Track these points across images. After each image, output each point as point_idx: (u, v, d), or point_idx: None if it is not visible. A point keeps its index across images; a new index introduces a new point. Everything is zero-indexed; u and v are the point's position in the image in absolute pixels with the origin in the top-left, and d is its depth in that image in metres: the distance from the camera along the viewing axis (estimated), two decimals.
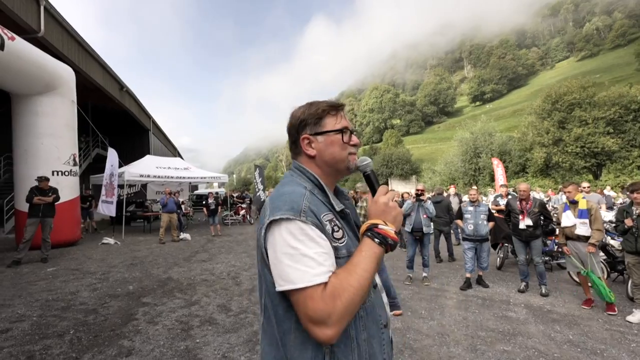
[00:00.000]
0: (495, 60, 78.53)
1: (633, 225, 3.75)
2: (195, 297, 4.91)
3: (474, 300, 4.75)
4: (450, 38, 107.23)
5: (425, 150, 55.46)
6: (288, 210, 0.83)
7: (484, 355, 3.15)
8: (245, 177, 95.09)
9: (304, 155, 1.01)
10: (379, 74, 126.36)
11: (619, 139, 20.79)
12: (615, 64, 50.37)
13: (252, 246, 9.41)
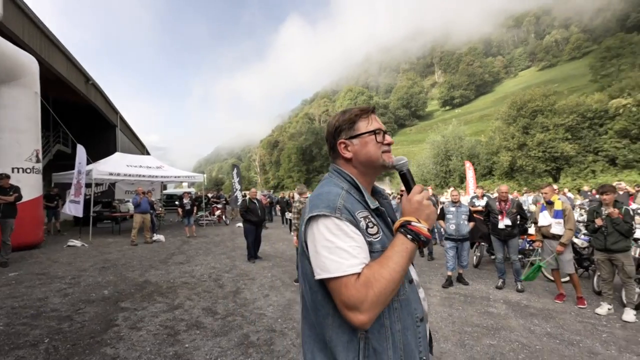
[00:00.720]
0: (464, 67, 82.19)
1: (602, 224, 4.07)
2: (177, 301, 4.71)
3: (457, 297, 4.93)
4: (422, 44, 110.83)
5: (398, 152, 56.76)
6: (325, 208, 0.92)
7: (472, 350, 3.28)
8: (217, 176, 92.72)
9: (341, 158, 1.09)
10: (353, 76, 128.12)
11: (576, 144, 22.54)
12: (572, 74, 54.52)
13: (230, 247, 9.18)
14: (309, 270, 0.94)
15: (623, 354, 3.20)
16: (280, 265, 7.10)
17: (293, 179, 57.43)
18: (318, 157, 60.01)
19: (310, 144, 59.20)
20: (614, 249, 4.04)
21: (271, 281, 5.82)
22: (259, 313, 4.28)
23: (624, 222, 4.01)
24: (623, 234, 4.02)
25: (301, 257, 1.00)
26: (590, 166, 22.30)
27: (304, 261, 0.97)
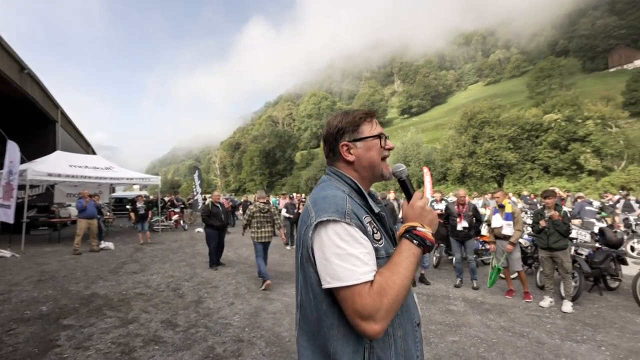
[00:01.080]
0: (420, 78, 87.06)
1: (546, 225, 4.50)
2: (131, 314, 4.33)
3: (420, 297, 5.13)
4: (383, 54, 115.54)
5: None
6: (334, 213, 0.88)
7: (437, 347, 3.42)
8: (173, 179, 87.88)
9: (342, 161, 1.06)
10: (317, 81, 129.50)
11: (517, 153, 24.94)
12: (513, 90, 60.29)
13: (190, 254, 8.71)
14: (315, 279, 0.90)
15: (565, 342, 3.54)
16: (244, 271, 6.86)
17: (255, 182, 56.30)
18: (281, 160, 59.55)
19: (273, 147, 58.57)
20: (555, 247, 4.48)
21: (236, 288, 5.60)
22: (224, 323, 4.08)
23: (563, 223, 4.48)
24: (562, 234, 4.48)
25: (304, 265, 0.94)
26: (529, 173, 24.79)
27: (309, 269, 0.92)
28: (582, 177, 21.60)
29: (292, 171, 57.08)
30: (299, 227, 1.00)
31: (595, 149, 21.80)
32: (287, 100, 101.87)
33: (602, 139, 21.70)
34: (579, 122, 22.85)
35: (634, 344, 3.47)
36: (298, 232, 1.00)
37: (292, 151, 60.61)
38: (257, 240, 5.74)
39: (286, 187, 50.43)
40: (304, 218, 0.96)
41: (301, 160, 57.23)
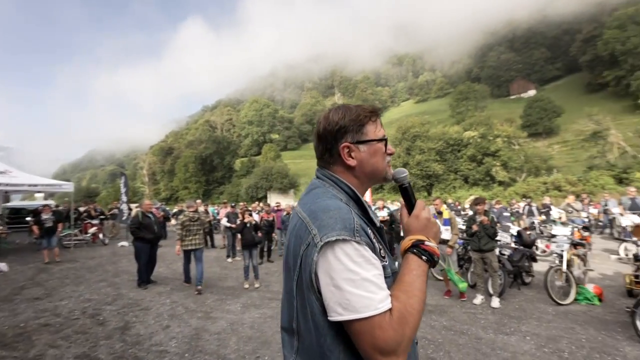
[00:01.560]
0: (359, 93, 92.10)
1: (477, 229, 4.96)
2: (34, 352, 3.55)
3: None
4: (324, 67, 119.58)
5: (302, 165, 58.84)
6: (342, 230, 0.75)
7: None
8: (89, 186, 77.59)
9: (340, 164, 0.93)
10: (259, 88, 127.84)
11: (443, 165, 27.78)
12: (438, 109, 67.44)
13: (112, 272, 7.60)
14: (317, 309, 0.76)
15: (497, 336, 3.88)
16: (181, 289, 6.20)
17: (190, 190, 52.56)
18: (220, 167, 56.74)
19: (211, 153, 55.55)
20: (485, 249, 4.96)
21: (171, 309, 5.00)
22: (159, 350, 3.57)
23: (491, 227, 4.99)
24: (490, 237, 4.99)
25: (303, 292, 0.79)
26: (452, 183, 27.76)
27: (310, 297, 0.78)
28: (494, 187, 24.95)
29: (231, 179, 54.73)
30: (292, 243, 0.84)
31: (503, 162, 25.44)
32: (227, 105, 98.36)
33: (508, 154, 25.46)
34: (491, 139, 26.49)
35: (550, 332, 3.96)
36: (291, 251, 0.84)
37: (232, 158, 58.26)
38: (186, 247, 5.99)
39: (224, 196, 48.08)
40: (300, 234, 0.81)
41: (241, 168, 55.27)
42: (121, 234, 13.77)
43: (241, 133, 77.68)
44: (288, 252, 0.86)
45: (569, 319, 4.36)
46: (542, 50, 68.77)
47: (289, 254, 0.86)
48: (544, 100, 45.34)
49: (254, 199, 37.74)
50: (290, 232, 0.87)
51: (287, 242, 0.89)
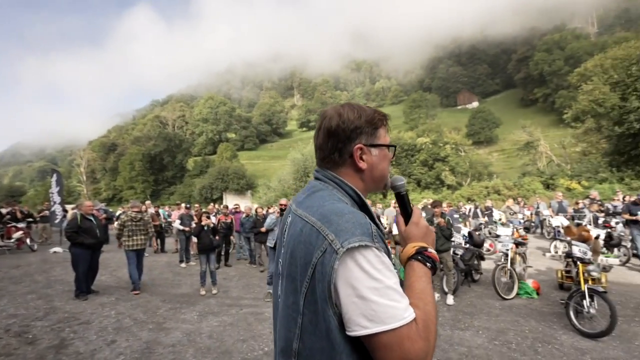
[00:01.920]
0: (318, 95, 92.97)
1: (435, 231, 5.22)
2: None
3: None
4: (284, 67, 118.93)
5: (259, 166, 57.72)
6: (362, 235, 0.70)
7: None
8: (12, 184, 68.38)
9: (349, 166, 0.88)
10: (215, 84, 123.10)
11: (398, 169, 29.09)
12: (394, 115, 70.22)
13: (43, 283, 6.69)
14: (334, 324, 0.69)
15: (454, 331, 4.10)
16: (128, 298, 5.64)
17: (136, 190, 48.67)
18: (170, 166, 53.40)
19: (161, 151, 52.04)
20: (442, 249, 5.23)
21: (117, 321, 4.51)
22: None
23: (447, 228, 5.29)
24: (447, 238, 5.29)
25: (316, 306, 0.72)
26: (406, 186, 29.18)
27: (326, 311, 0.70)
28: (443, 190, 26.72)
29: (183, 179, 51.78)
30: (297, 251, 0.76)
31: (452, 167, 27.43)
32: (180, 100, 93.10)
33: (456, 160, 27.51)
34: (441, 146, 28.40)
35: (499, 325, 4.28)
36: (297, 259, 0.76)
37: (184, 157, 55.15)
38: (129, 248, 5.85)
39: (175, 197, 45.32)
40: (310, 240, 0.73)
41: (194, 168, 52.57)
42: (54, 238, 12.26)
43: (195, 131, 73.96)
44: (291, 261, 0.78)
45: (514, 312, 4.76)
46: (484, 66, 75.60)
47: (292, 263, 0.77)
48: (485, 111, 49.84)
49: (209, 200, 36.08)
50: (294, 238, 0.79)
51: (289, 249, 0.80)
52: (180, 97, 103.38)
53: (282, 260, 0.84)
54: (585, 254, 4.04)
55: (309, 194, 0.86)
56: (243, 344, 3.78)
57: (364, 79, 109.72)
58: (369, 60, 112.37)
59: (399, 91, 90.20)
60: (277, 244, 0.98)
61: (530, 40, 62.57)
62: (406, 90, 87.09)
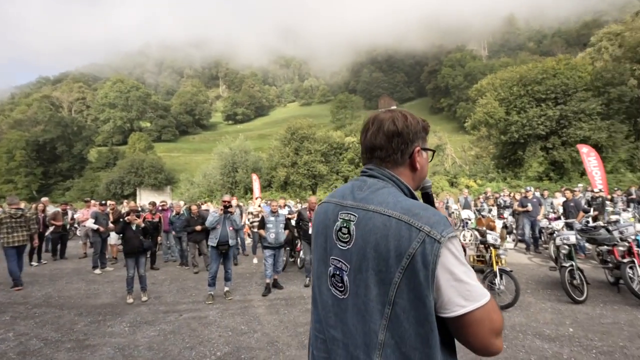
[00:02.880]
0: (246, 88, 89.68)
1: None
2: None
3: (279, 302, 5.16)
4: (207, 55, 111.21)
5: (180, 160, 53.05)
6: (450, 227, 0.78)
7: None
8: None
9: (407, 166, 0.95)
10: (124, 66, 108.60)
11: (327, 166, 30.09)
12: (321, 114, 72.52)
13: None
14: (430, 308, 0.75)
15: None
16: (29, 315, 4.66)
17: (17, 185, 39.86)
18: (66, 156, 45.11)
19: (53, 138, 43.52)
20: None
21: (20, 344, 3.71)
22: None
23: None
24: None
25: (412, 294, 0.75)
26: (334, 183, 30.40)
27: (427, 297, 0.74)
28: None
29: (83, 172, 44.31)
30: (385, 244, 0.77)
31: None
32: (78, 80, 79.43)
33: None
34: None
35: None
36: (384, 253, 0.77)
37: (85, 146, 47.19)
38: (8, 244, 5.82)
39: (73, 192, 38.66)
40: (400, 233, 0.76)
41: (98, 159, 45.47)
42: None
43: (99, 117, 64.07)
44: (375, 255, 0.79)
45: None
46: (402, 74, 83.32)
47: (376, 257, 0.78)
48: None
49: (118, 197, 31.65)
50: (376, 232, 0.80)
51: (368, 244, 0.81)
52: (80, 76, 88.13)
53: (349, 256, 0.84)
54: (496, 240, 4.87)
55: (373, 190, 0.88)
56: (191, 352, 3.50)
57: (293, 76, 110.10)
58: (298, 57, 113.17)
59: (326, 91, 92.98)
60: (319, 240, 0.97)
61: (438, 55, 71.29)
62: (333, 91, 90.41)
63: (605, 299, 4.75)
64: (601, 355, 3.19)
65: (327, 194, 5.14)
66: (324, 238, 0.95)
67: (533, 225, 8.25)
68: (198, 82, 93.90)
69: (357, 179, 0.98)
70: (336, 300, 0.89)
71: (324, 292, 0.93)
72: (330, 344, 0.89)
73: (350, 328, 0.83)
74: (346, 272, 0.86)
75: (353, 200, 0.90)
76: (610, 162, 20.20)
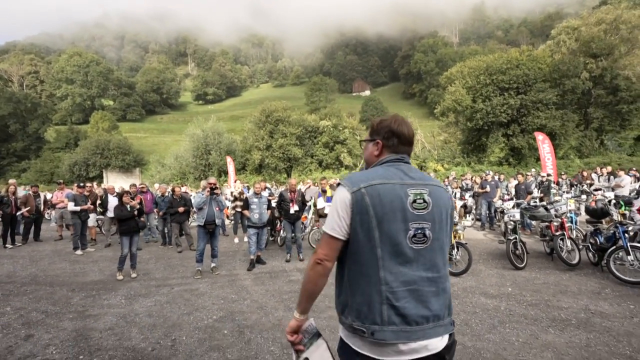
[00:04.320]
0: (217, 67, 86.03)
1: None
2: None
3: (263, 275, 5.64)
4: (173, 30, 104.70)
5: (147, 141, 50.79)
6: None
7: None
8: None
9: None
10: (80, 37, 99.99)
11: (301, 149, 30.37)
12: (295, 96, 71.56)
13: None
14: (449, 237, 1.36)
15: None
16: (21, 292, 4.80)
17: None
18: (20, 135, 41.80)
19: (4, 115, 39.96)
20: None
21: (20, 317, 3.93)
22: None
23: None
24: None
25: (450, 221, 1.33)
26: (309, 166, 30.85)
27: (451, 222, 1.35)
28: (342, 170, 29.45)
29: (40, 152, 41.36)
30: (447, 206, 1.30)
31: (349, 149, 30.28)
32: (29, 52, 72.30)
33: (353, 143, 30.47)
34: (341, 129, 30.87)
35: None
36: (446, 210, 1.29)
37: (42, 125, 43.81)
38: None
39: (30, 174, 36.14)
40: (446, 195, 1.33)
41: (57, 139, 42.50)
42: None
43: (55, 93, 59.25)
44: (446, 211, 1.29)
45: None
46: (375, 58, 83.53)
47: (446, 212, 1.30)
48: (375, 100, 55.85)
49: (83, 179, 30.10)
50: (443, 198, 1.30)
51: (440, 206, 1.27)
52: (30, 47, 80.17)
53: (431, 216, 1.24)
54: (455, 218, 5.61)
55: (417, 171, 1.35)
56: (189, 317, 3.92)
57: (266, 56, 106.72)
58: (272, 36, 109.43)
59: (300, 72, 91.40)
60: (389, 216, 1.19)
61: (411, 41, 72.10)
62: (307, 72, 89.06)
63: (541, 266, 5.69)
64: (530, 307, 3.99)
65: (301, 177, 5.99)
66: (401, 210, 1.20)
67: (490, 205, 9.25)
68: (165, 59, 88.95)
69: (401, 164, 1.32)
70: (417, 252, 1.21)
71: (404, 252, 1.19)
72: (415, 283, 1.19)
73: (435, 262, 1.25)
74: (428, 228, 1.22)
75: (413, 179, 1.27)
76: (562, 148, 22.23)
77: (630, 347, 2.92)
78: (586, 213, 5.95)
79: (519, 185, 9.01)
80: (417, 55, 62.42)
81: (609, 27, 22.17)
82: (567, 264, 5.29)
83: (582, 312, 3.71)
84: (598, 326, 3.35)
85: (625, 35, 21.72)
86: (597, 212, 5.43)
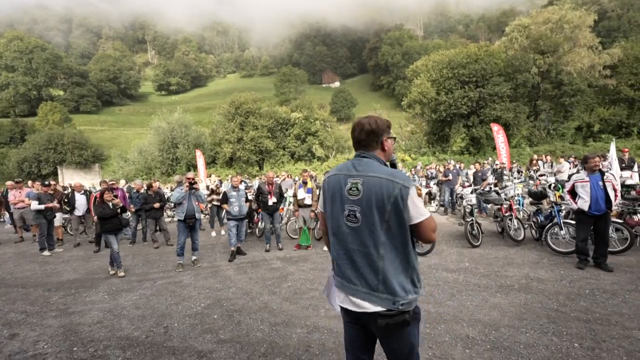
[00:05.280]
0: (179, 55, 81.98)
1: None
2: None
3: (245, 265, 5.87)
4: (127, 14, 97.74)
5: (106, 134, 47.75)
6: (411, 180, 1.56)
7: (280, 293, 4.38)
8: None
9: (380, 149, 1.67)
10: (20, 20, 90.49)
11: (273, 142, 30.25)
12: (264, 87, 70.33)
13: None
14: (405, 220, 1.52)
15: None
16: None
17: None
18: None
19: None
20: None
21: (2, 317, 3.86)
22: (28, 357, 2.99)
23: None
24: None
25: (399, 217, 1.50)
26: (281, 158, 30.86)
27: (403, 217, 1.51)
28: (314, 162, 29.79)
29: None
30: (379, 194, 1.47)
31: (321, 141, 30.66)
32: None
33: (324, 135, 30.87)
34: (312, 121, 31.09)
35: None
36: (377, 198, 1.47)
37: None
38: None
39: None
40: (389, 186, 1.48)
41: (0, 133, 38.77)
42: None
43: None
44: (377, 199, 1.46)
45: None
46: (345, 50, 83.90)
47: (377, 200, 1.47)
48: (345, 92, 56.49)
49: (34, 176, 27.85)
50: (374, 187, 1.47)
51: (370, 194, 1.47)
52: None
53: (360, 201, 1.49)
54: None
55: (366, 164, 1.55)
56: (178, 306, 4.09)
57: (233, 45, 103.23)
58: (237, 25, 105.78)
59: (269, 63, 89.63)
60: (336, 196, 1.59)
61: (379, 33, 73.27)
62: (276, 63, 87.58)
63: (493, 243, 6.44)
64: (482, 277, 4.61)
65: (274, 169, 6.48)
66: (340, 195, 1.57)
67: (452, 192, 10.06)
68: (121, 45, 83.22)
69: (355, 159, 1.61)
70: (351, 229, 1.54)
71: (342, 226, 1.57)
72: (350, 253, 1.55)
73: (364, 239, 1.50)
74: (358, 211, 1.51)
75: (356, 171, 1.56)
76: (514, 138, 24.12)
77: (558, 302, 3.58)
78: (529, 196, 6.80)
79: (477, 173, 9.88)
80: (384, 48, 63.63)
81: (554, 26, 24.15)
82: (514, 241, 6.07)
83: (524, 279, 4.38)
84: (535, 289, 4.01)
85: (568, 34, 23.82)
86: (537, 195, 6.27)
